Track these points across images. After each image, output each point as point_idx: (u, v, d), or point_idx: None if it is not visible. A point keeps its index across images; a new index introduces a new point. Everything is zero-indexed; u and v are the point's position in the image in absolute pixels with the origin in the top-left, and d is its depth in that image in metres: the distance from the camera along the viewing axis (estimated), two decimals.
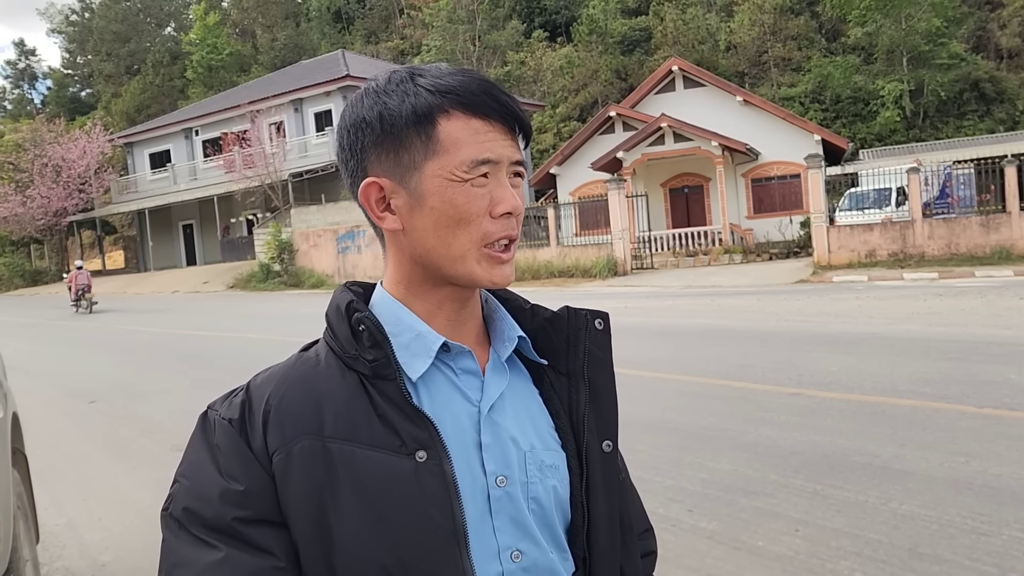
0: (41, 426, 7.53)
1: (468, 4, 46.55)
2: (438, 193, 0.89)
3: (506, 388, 0.96)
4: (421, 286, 0.95)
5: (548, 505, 0.94)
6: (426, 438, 0.87)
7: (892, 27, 35.04)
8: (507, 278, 0.93)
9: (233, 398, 0.93)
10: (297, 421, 0.88)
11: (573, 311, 1.02)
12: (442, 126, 0.89)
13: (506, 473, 0.91)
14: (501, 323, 1.00)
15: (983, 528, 3.76)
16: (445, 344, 0.93)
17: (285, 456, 0.87)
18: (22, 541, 3.25)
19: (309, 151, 34.94)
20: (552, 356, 1.01)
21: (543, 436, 0.97)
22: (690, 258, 23.67)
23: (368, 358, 0.90)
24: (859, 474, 4.61)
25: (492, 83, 0.92)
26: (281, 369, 0.95)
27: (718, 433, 5.72)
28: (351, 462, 0.86)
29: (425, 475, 0.86)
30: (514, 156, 0.92)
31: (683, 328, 10.94)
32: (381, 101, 0.91)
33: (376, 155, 0.92)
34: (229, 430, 0.89)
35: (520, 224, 0.94)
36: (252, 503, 0.86)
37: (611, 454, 1.00)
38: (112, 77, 64.87)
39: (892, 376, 7.00)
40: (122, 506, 5.28)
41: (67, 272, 42.37)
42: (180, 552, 0.86)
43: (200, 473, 0.88)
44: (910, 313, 10.91)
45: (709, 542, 3.85)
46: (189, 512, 0.86)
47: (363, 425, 0.88)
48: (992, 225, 18.12)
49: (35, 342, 16.20)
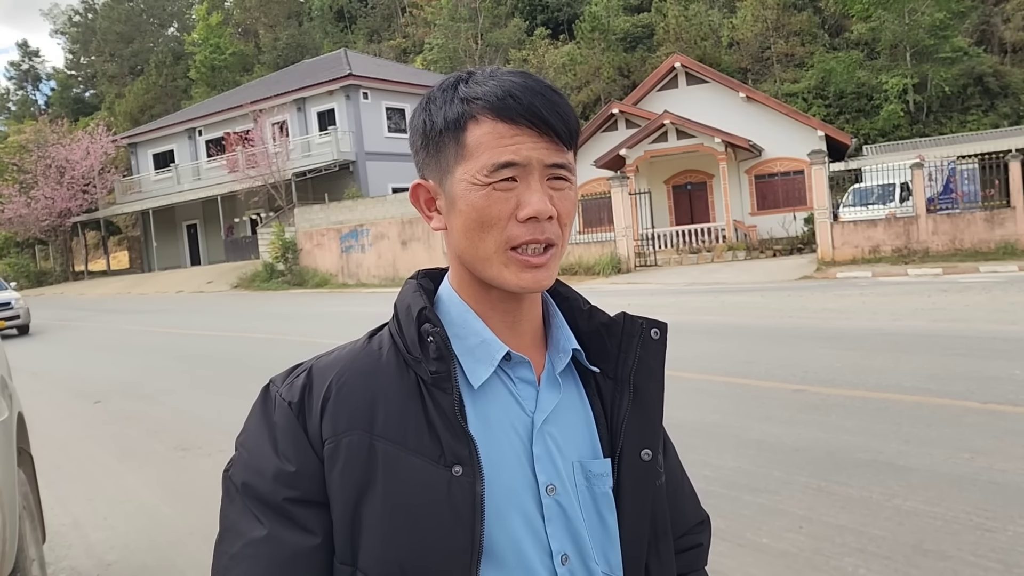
0: (47, 426, 7.55)
1: (470, 2, 46.57)
2: (463, 196, 0.92)
3: (561, 398, 0.99)
4: (472, 285, 0.98)
5: (599, 516, 0.98)
6: (465, 455, 0.90)
7: (895, 22, 34.95)
8: (539, 283, 0.93)
9: (295, 379, 0.96)
10: (352, 414, 0.92)
11: (630, 318, 1.04)
12: (470, 132, 0.91)
13: (556, 483, 0.95)
14: (557, 332, 1.02)
15: (988, 524, 3.75)
16: (508, 353, 0.96)
17: (335, 446, 0.91)
18: (28, 541, 3.26)
19: (312, 150, 34.95)
20: (604, 361, 1.03)
21: (593, 444, 1.00)
22: (694, 255, 23.64)
23: (431, 369, 0.92)
24: (863, 470, 4.61)
25: (526, 86, 0.91)
26: (346, 356, 0.98)
27: (722, 430, 5.72)
28: (393, 463, 0.90)
29: (456, 489, 0.89)
30: (548, 159, 0.91)
31: (687, 325, 10.92)
32: (428, 109, 0.96)
33: (425, 159, 0.97)
34: (288, 412, 0.94)
35: (564, 227, 0.94)
36: (301, 483, 0.92)
37: (650, 463, 1.01)
38: (115, 78, 65.02)
39: (896, 372, 6.99)
40: (128, 506, 5.29)
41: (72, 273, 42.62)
42: (232, 518, 0.94)
43: (258, 447, 0.94)
44: (914, 309, 10.90)
45: (714, 539, 3.81)
46: (246, 484, 0.93)
47: (411, 430, 0.91)
48: (996, 220, 18.06)
49: (40, 342, 16.25)
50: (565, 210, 0.94)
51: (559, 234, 0.93)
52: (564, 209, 0.93)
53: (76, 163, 40.63)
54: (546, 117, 0.90)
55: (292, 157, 33.58)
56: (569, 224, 0.95)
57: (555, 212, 0.92)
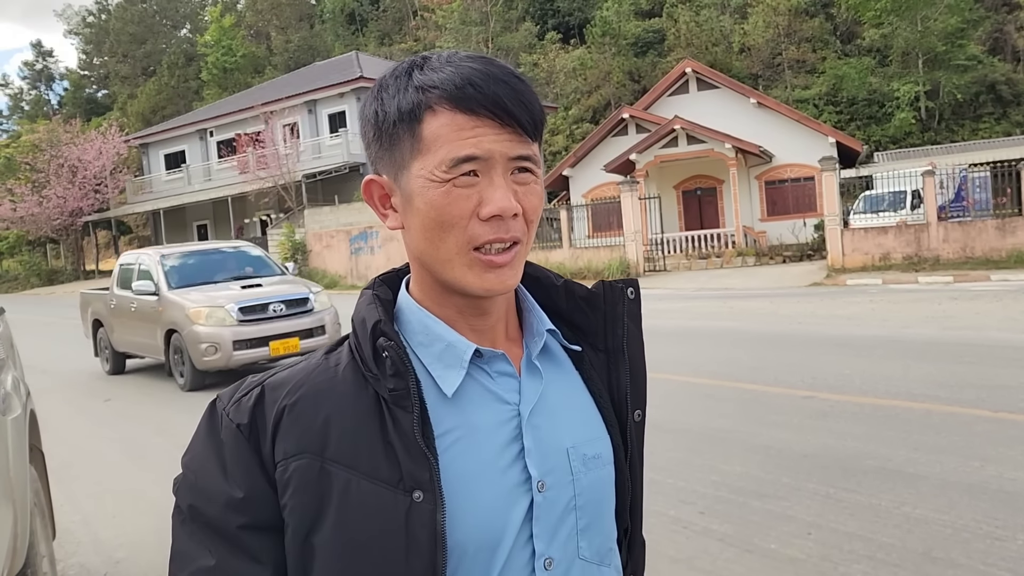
0: (57, 424, 7.59)
1: (481, 6, 46.59)
2: (421, 194, 0.85)
3: (545, 383, 0.94)
4: (433, 288, 0.91)
5: (594, 499, 0.94)
6: (425, 479, 0.83)
7: (908, 28, 34.83)
8: (504, 284, 0.87)
9: (244, 397, 0.89)
10: (301, 437, 0.86)
11: (609, 286, 0.99)
12: (427, 123, 0.84)
13: (547, 478, 0.89)
14: (529, 315, 0.97)
15: (997, 533, 3.73)
16: (477, 350, 0.90)
17: (285, 470, 0.86)
18: (39, 537, 3.28)
19: (322, 152, 35.05)
20: (591, 334, 0.98)
21: (588, 424, 0.96)
22: (703, 260, 23.58)
23: (389, 386, 0.85)
24: (872, 477, 4.60)
25: (487, 73, 0.84)
26: (299, 374, 0.90)
27: (730, 435, 5.71)
28: (346, 490, 0.84)
29: (415, 517, 0.83)
30: (511, 151, 0.84)
31: (695, 330, 10.91)
32: (379, 98, 0.88)
33: (378, 152, 0.89)
34: (237, 434, 0.87)
35: (529, 223, 0.87)
36: (251, 510, 0.86)
37: (640, 423, 1.00)
38: (128, 78, 65.35)
39: (906, 379, 6.96)
40: (137, 504, 5.32)
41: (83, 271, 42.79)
42: (182, 542, 0.89)
43: (205, 470, 0.89)
44: (925, 316, 10.85)
45: (721, 544, 3.85)
46: (193, 508, 0.88)
47: (366, 452, 0.85)
48: (1008, 228, 17.95)
49: (52, 341, 16.32)
50: (531, 206, 0.86)
51: (524, 231, 0.86)
52: (530, 205, 0.86)
53: (88, 163, 40.84)
54: (509, 107, 0.83)
55: (302, 159, 33.68)
56: (535, 221, 0.88)
57: (520, 209, 0.85)
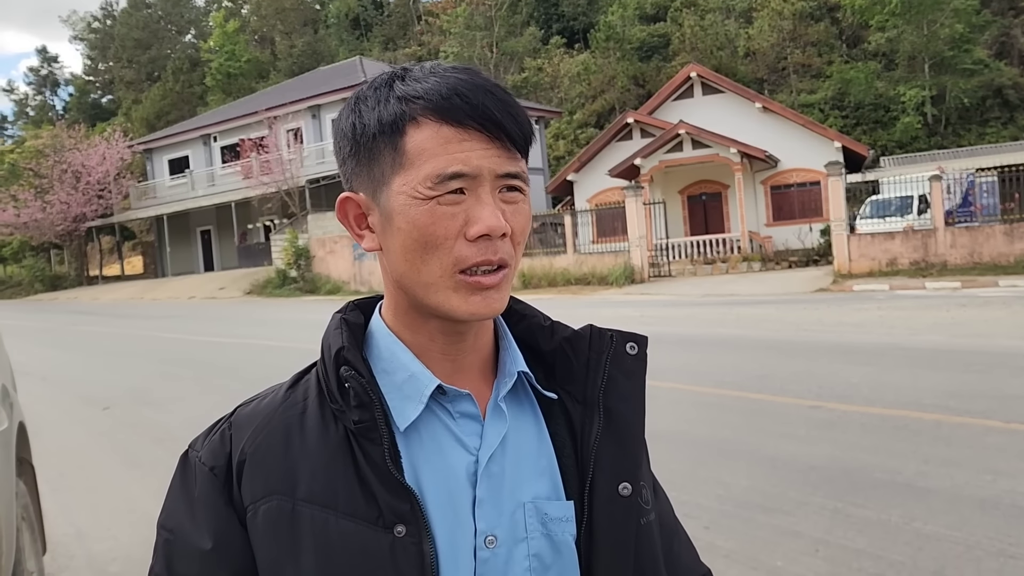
0: (54, 432, 7.52)
1: (486, 11, 46.63)
2: (402, 212, 0.79)
3: (509, 429, 0.86)
4: (407, 314, 0.86)
5: (554, 562, 0.85)
6: (406, 511, 0.79)
7: (914, 33, 34.76)
8: (491, 307, 0.81)
9: (214, 437, 0.86)
10: (268, 478, 0.81)
11: (597, 332, 0.90)
12: (410, 136, 0.79)
13: (496, 533, 0.82)
14: (504, 354, 0.89)
15: (1011, 551, 3.63)
16: (440, 386, 0.84)
17: (253, 515, 0.81)
18: (27, 553, 3.21)
19: (326, 157, 35.05)
20: (570, 381, 0.89)
21: (554, 482, 0.87)
22: (708, 266, 23.51)
23: (354, 418, 0.81)
24: (881, 491, 4.49)
25: (474, 84, 0.80)
26: (264, 409, 0.86)
27: (735, 447, 5.61)
28: (323, 531, 0.79)
29: (401, 552, 0.78)
30: (500, 168, 0.80)
31: (700, 337, 10.81)
32: (357, 110, 0.83)
33: (355, 168, 0.84)
34: (210, 478, 0.83)
35: (517, 245, 0.83)
36: (229, 562, 0.82)
37: (629, 498, 0.86)
38: (133, 84, 65.59)
39: (915, 389, 6.85)
40: (132, 516, 5.23)
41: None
42: None
43: (182, 528, 0.84)
44: (933, 323, 10.73)
45: (726, 561, 3.75)
46: (173, 573, 0.84)
47: (340, 489, 0.80)
48: (1016, 234, 17.85)
49: (52, 347, 16.30)
50: (519, 226, 0.82)
51: (512, 254, 0.81)
52: (518, 225, 0.82)
53: (92, 168, 40.96)
54: (498, 119, 0.79)
55: (306, 164, 33.75)
56: (522, 243, 0.83)
57: (509, 229, 0.80)
